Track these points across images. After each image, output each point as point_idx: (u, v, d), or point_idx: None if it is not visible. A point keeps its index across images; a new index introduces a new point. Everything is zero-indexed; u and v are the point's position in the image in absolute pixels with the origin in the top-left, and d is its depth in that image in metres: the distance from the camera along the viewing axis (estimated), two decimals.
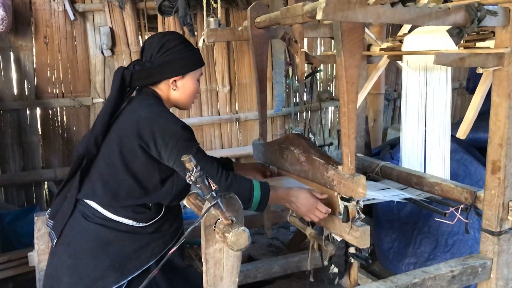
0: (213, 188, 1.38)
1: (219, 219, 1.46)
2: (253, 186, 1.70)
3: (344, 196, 1.69)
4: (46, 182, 3.99)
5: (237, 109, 4.56)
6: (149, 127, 1.63)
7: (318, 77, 4.77)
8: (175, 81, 1.79)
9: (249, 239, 1.40)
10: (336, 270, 1.79)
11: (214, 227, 1.47)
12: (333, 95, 5.09)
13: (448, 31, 1.67)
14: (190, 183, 1.38)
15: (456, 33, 1.64)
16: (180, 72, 1.78)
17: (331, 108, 5.09)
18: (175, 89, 1.80)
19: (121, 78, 1.73)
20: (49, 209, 1.88)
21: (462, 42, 1.82)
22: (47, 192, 4.02)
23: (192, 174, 1.35)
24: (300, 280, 3.16)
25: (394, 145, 3.21)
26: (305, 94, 4.68)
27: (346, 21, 1.42)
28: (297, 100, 4.79)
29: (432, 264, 2.56)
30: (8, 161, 3.81)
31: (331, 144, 4.18)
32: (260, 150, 2.39)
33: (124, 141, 1.67)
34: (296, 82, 4.62)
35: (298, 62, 1.95)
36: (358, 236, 1.65)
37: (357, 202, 1.67)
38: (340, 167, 1.72)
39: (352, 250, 1.74)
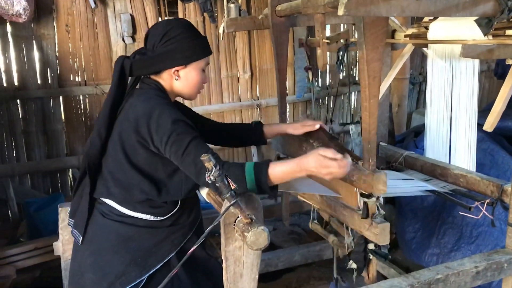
0: (232, 187, 1.37)
1: (238, 217, 1.45)
2: (244, 170, 1.54)
3: (364, 192, 1.65)
4: (70, 169, 4.07)
5: (258, 95, 4.53)
6: (145, 123, 1.60)
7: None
8: (177, 71, 1.72)
9: (269, 238, 1.38)
10: (354, 266, 1.77)
11: (234, 225, 1.47)
12: (356, 79, 5.00)
13: (476, 21, 1.60)
14: (210, 182, 1.36)
15: (485, 23, 1.57)
16: (182, 62, 1.71)
17: (354, 93, 5.00)
18: (178, 79, 1.73)
19: (120, 68, 1.69)
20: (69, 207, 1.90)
21: None
22: (71, 179, 4.10)
23: (212, 174, 1.34)
24: (320, 268, 3.16)
25: (418, 133, 3.14)
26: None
27: None
28: (319, 86, 4.71)
29: (456, 255, 2.52)
30: (33, 149, 3.89)
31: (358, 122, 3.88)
32: (279, 141, 2.35)
33: (123, 137, 1.65)
34: (317, 86, 4.53)
35: (319, 53, 1.89)
36: (378, 233, 1.61)
37: (377, 198, 1.63)
38: (360, 163, 1.68)
39: (371, 246, 1.72)
